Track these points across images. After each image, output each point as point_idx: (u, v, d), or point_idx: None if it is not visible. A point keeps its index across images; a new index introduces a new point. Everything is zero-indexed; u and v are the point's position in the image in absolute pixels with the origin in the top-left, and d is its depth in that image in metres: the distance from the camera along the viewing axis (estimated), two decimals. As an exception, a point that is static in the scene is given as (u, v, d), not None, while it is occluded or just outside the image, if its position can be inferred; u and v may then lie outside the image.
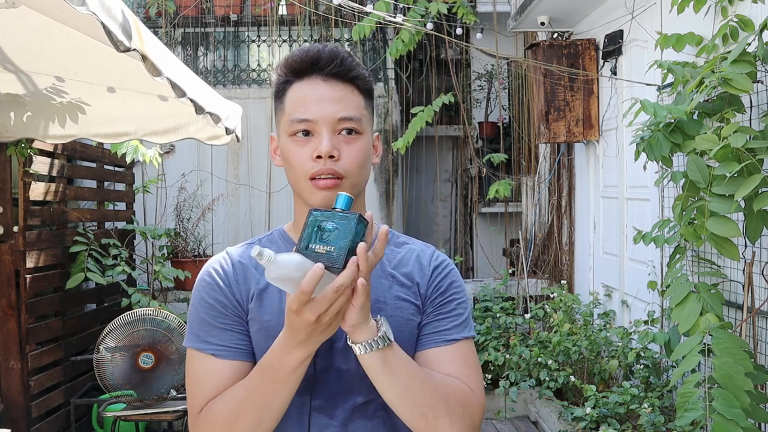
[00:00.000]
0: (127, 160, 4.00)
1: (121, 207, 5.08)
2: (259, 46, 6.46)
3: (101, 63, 2.49)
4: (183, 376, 3.43)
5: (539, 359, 4.35)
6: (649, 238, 2.97)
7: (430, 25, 5.41)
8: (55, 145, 3.94)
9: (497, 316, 5.05)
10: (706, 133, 2.44)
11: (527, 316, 4.92)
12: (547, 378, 4.28)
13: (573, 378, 4.17)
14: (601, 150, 4.80)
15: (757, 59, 2.36)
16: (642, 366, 3.71)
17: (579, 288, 5.29)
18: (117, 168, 5.03)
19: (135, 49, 1.76)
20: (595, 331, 4.23)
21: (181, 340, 3.59)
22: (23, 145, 3.61)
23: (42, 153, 3.90)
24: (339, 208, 1.05)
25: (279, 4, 6.36)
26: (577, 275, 5.37)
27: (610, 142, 4.64)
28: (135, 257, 5.01)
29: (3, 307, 3.66)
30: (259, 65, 6.42)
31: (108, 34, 1.62)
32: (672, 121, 2.61)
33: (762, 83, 2.61)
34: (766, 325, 2.69)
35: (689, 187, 2.53)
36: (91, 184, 4.87)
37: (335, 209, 1.05)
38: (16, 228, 3.69)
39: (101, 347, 3.59)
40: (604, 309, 4.65)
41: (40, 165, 3.85)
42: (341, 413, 1.18)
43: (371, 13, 4.77)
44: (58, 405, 4.04)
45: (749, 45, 2.37)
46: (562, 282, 5.19)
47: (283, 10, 6.41)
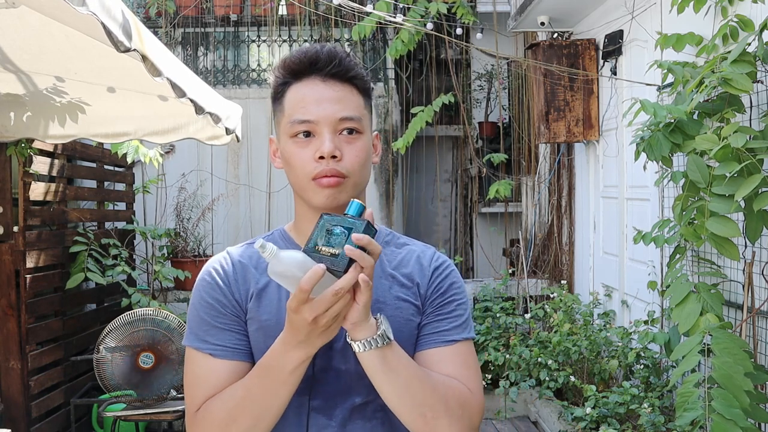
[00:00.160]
0: (128, 160, 4.00)
1: (121, 207, 5.08)
2: (259, 46, 6.46)
3: (101, 63, 2.49)
4: (183, 376, 3.43)
5: (539, 359, 4.35)
6: (649, 238, 2.97)
7: (430, 25, 5.40)
8: (55, 145, 3.94)
9: (497, 316, 5.05)
10: (706, 133, 2.44)
11: (527, 316, 4.92)
12: (547, 378, 4.28)
13: (573, 378, 4.17)
14: (601, 150, 4.80)
15: (757, 59, 2.36)
16: (642, 366, 3.71)
17: (579, 288, 5.29)
18: (117, 168, 5.03)
19: (135, 50, 1.76)
20: (595, 331, 4.23)
21: (181, 340, 3.58)
22: (23, 145, 3.61)
23: (42, 153, 3.90)
24: (350, 214, 1.06)
25: (279, 4, 6.36)
26: (577, 275, 5.37)
27: (610, 142, 4.64)
28: (135, 257, 5.01)
29: (3, 307, 3.66)
30: (259, 65, 6.42)
31: (108, 34, 1.62)
32: (672, 121, 2.61)
33: (762, 83, 2.61)
34: (766, 325, 2.69)
35: (689, 187, 2.53)
36: (91, 184, 4.87)
37: (346, 215, 1.06)
38: (16, 228, 3.69)
39: (101, 347, 3.59)
40: (604, 309, 4.65)
41: (40, 165, 3.85)
42: (340, 413, 1.18)
43: (371, 13, 4.77)
44: (58, 405, 4.04)
45: (749, 45, 2.37)
46: (562, 282, 5.19)
47: (283, 10, 6.41)
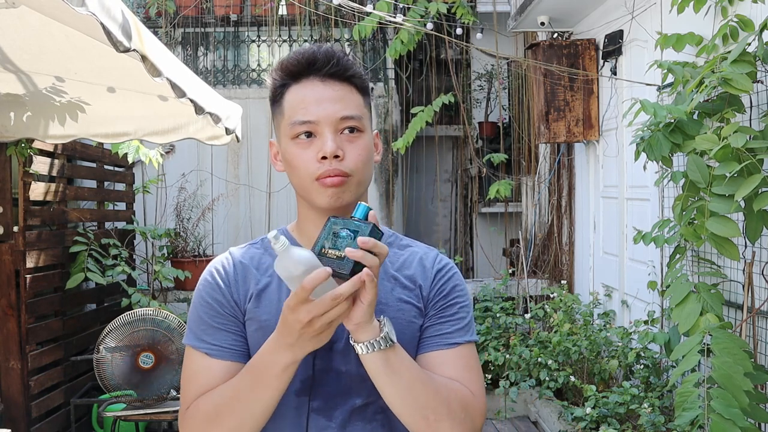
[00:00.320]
0: (129, 160, 4.00)
1: (121, 207, 5.08)
2: (259, 46, 6.46)
3: (101, 63, 2.48)
4: (183, 376, 3.43)
5: (539, 359, 4.35)
6: (649, 238, 2.97)
7: (430, 25, 5.40)
8: (55, 145, 3.94)
9: (497, 316, 5.05)
10: (706, 133, 2.44)
11: (527, 316, 4.92)
12: (547, 378, 4.28)
13: (573, 378, 4.17)
14: (601, 150, 4.80)
15: (757, 59, 2.36)
16: (642, 366, 3.71)
17: (579, 288, 5.29)
18: (117, 168, 5.03)
19: (135, 50, 1.75)
20: (595, 331, 4.22)
21: (181, 340, 3.59)
22: (23, 145, 3.61)
23: (42, 153, 3.90)
24: (357, 217, 1.06)
25: (279, 4, 6.36)
26: (577, 275, 5.37)
27: (610, 142, 4.64)
28: (135, 257, 5.01)
29: (3, 307, 3.66)
30: (259, 65, 6.42)
31: (107, 34, 1.61)
32: (672, 121, 2.61)
33: (762, 83, 2.61)
34: (766, 325, 2.69)
35: (689, 187, 2.53)
36: (91, 184, 4.86)
37: (353, 218, 1.06)
38: (16, 228, 3.69)
39: (101, 347, 3.59)
40: (604, 309, 4.65)
41: (40, 165, 3.85)
42: (340, 415, 1.18)
43: (372, 13, 4.77)
44: (58, 405, 4.04)
45: (749, 45, 2.37)
46: (562, 282, 5.19)
47: (283, 10, 6.41)
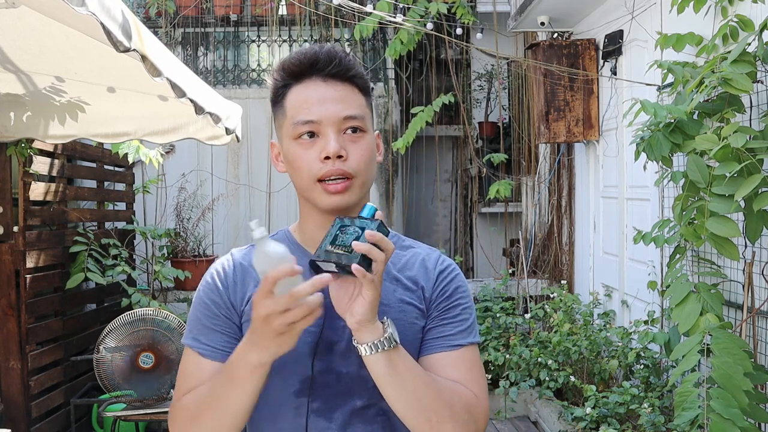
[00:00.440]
0: (129, 160, 4.00)
1: (121, 207, 5.08)
2: (259, 46, 6.46)
3: (101, 63, 2.48)
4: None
5: (539, 359, 4.34)
6: (649, 238, 2.97)
7: (429, 25, 5.40)
8: (55, 145, 3.94)
9: (497, 316, 5.05)
10: (706, 133, 2.44)
11: (527, 316, 4.92)
12: (547, 378, 4.28)
13: (573, 378, 4.16)
14: (601, 150, 4.80)
15: (757, 59, 2.36)
16: (642, 366, 3.71)
17: (579, 288, 5.28)
18: (117, 168, 5.03)
19: (135, 50, 1.75)
20: (595, 331, 4.22)
21: (181, 340, 3.59)
22: (23, 145, 3.61)
23: (42, 153, 3.90)
24: (363, 216, 1.07)
25: (279, 4, 6.36)
26: (577, 275, 5.37)
27: (610, 142, 4.64)
28: (135, 257, 5.01)
29: (3, 307, 3.66)
30: (259, 65, 6.42)
31: (107, 34, 1.61)
32: (672, 121, 2.61)
33: (762, 83, 2.61)
34: (766, 325, 2.68)
35: (689, 187, 2.53)
36: (91, 184, 4.86)
37: (360, 217, 1.07)
38: (16, 228, 3.69)
39: (101, 347, 3.59)
40: (604, 309, 4.65)
41: (40, 165, 3.85)
42: (340, 416, 1.17)
43: (372, 13, 4.77)
44: (58, 405, 4.04)
45: (749, 45, 2.37)
46: (562, 282, 5.19)
47: (283, 10, 6.41)
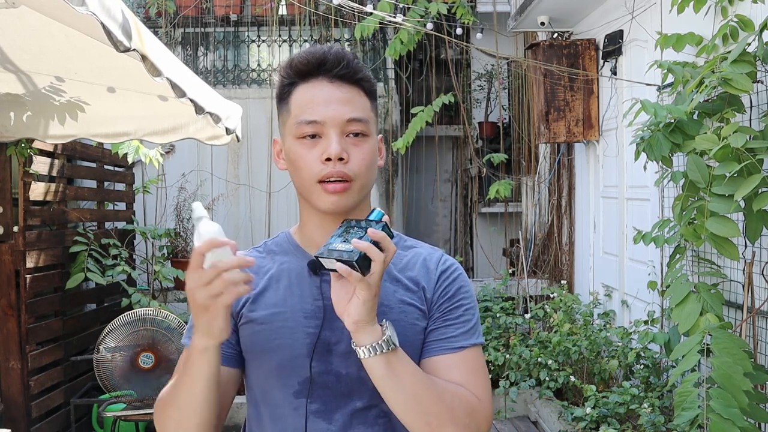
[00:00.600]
0: (129, 160, 4.00)
1: (121, 207, 5.08)
2: (259, 46, 6.46)
3: (101, 63, 2.48)
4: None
5: (539, 359, 4.34)
6: (649, 238, 2.97)
7: (430, 25, 5.40)
8: (55, 145, 3.94)
9: (497, 316, 5.05)
10: (706, 133, 2.44)
11: (527, 316, 4.92)
12: (547, 378, 4.28)
13: (573, 378, 4.16)
14: (601, 150, 4.80)
15: (757, 59, 2.36)
16: (642, 366, 3.71)
17: (579, 288, 5.29)
18: (117, 168, 5.03)
19: (135, 50, 1.75)
20: (595, 331, 4.22)
21: (181, 339, 3.60)
22: (23, 145, 3.61)
23: (42, 153, 3.90)
24: (370, 219, 1.09)
25: (279, 4, 6.36)
26: (577, 275, 5.37)
27: (610, 142, 4.64)
28: (135, 257, 5.01)
29: (3, 307, 3.66)
30: (259, 65, 6.42)
31: (108, 34, 1.61)
32: (672, 121, 2.61)
33: (762, 83, 2.61)
34: (766, 325, 2.69)
35: (689, 187, 2.53)
36: (91, 184, 4.86)
37: (367, 220, 1.08)
38: (16, 228, 3.69)
39: (101, 347, 3.59)
40: (604, 309, 4.65)
41: (40, 165, 3.85)
42: (340, 418, 1.16)
43: (372, 13, 4.77)
44: (58, 405, 4.04)
45: (749, 45, 2.37)
46: (562, 282, 5.19)
47: (283, 10, 6.41)
